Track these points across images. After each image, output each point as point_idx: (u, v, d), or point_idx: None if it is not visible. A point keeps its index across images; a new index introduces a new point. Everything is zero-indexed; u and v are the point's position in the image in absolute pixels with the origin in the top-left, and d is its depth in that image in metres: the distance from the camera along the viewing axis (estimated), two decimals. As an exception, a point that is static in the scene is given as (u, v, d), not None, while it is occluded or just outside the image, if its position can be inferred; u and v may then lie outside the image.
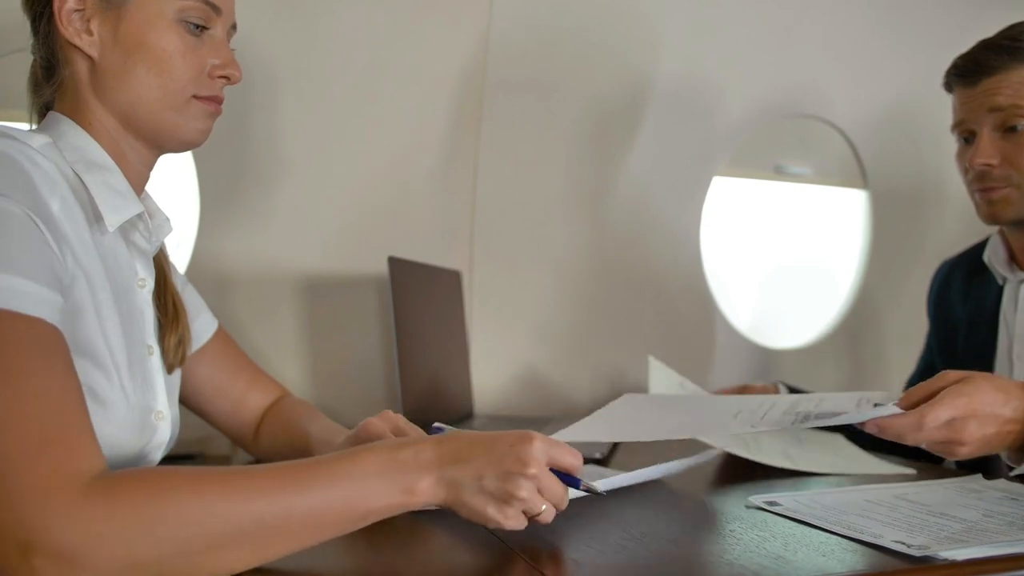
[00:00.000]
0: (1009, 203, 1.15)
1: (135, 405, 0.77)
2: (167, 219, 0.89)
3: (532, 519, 0.67)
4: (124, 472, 0.59)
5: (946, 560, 0.65)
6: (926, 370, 1.41)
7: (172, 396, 0.89)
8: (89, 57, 0.81)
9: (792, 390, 1.36)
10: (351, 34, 1.44)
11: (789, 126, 1.88)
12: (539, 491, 0.66)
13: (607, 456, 1.17)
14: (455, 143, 1.57)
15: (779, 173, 1.93)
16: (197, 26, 0.84)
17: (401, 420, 0.91)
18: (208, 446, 1.28)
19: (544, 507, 0.67)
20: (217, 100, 0.87)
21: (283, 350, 1.43)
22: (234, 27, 0.90)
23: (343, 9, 1.41)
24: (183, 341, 0.89)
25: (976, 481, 0.97)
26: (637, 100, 1.68)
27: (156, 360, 0.85)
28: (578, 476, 0.70)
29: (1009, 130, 1.12)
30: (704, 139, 1.77)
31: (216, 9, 0.85)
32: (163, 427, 0.84)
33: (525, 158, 1.63)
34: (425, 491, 0.65)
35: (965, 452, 0.85)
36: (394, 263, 1.22)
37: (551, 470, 0.68)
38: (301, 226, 1.45)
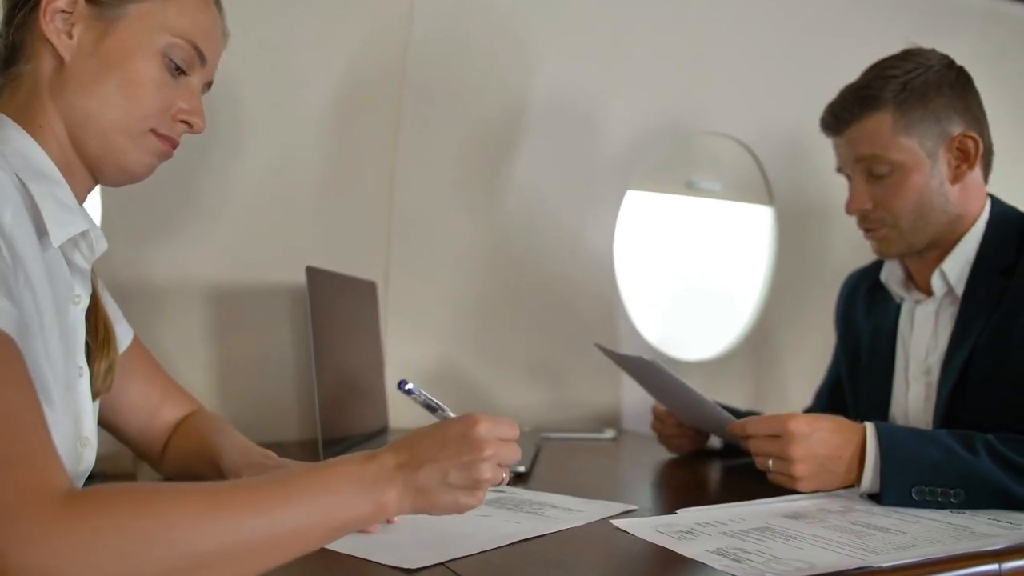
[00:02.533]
0: (890, 242, 1.21)
1: (68, 431, 0.73)
2: (101, 234, 0.85)
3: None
4: (103, 487, 0.55)
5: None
6: (834, 383, 1.45)
7: (95, 420, 0.84)
8: (59, 58, 0.78)
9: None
10: (266, 41, 1.39)
11: (700, 143, 1.93)
12: (499, 468, 0.71)
13: (530, 469, 1.17)
14: (372, 152, 1.54)
15: (690, 188, 1.97)
16: (178, 68, 0.82)
17: None
18: (110, 463, 1.20)
19: (504, 475, 0.72)
20: (172, 143, 0.85)
21: (191, 361, 1.37)
22: (209, 85, 0.90)
23: (259, 16, 1.37)
24: (112, 368, 0.85)
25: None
26: (552, 114, 1.69)
27: (85, 383, 0.81)
28: (517, 456, 0.74)
29: (877, 175, 1.18)
30: (617, 153, 1.79)
31: (202, 58, 0.85)
32: (88, 454, 0.80)
33: (442, 168, 1.62)
34: (393, 502, 0.66)
35: (799, 471, 0.96)
36: (312, 273, 1.19)
37: None
38: (211, 234, 1.39)
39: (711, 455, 1.37)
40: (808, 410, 1.46)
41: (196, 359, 1.38)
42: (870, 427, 0.97)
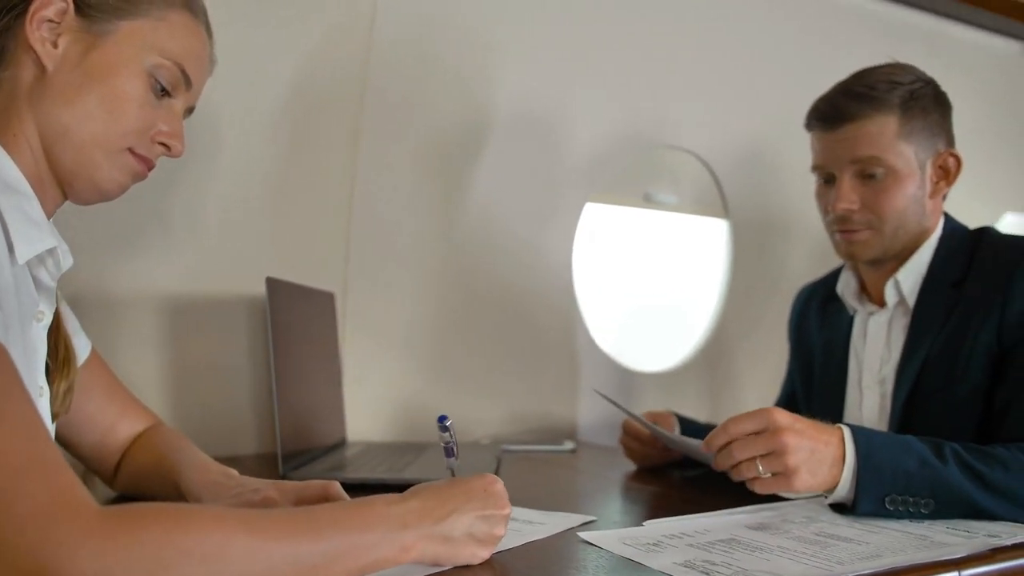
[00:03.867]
0: (868, 245, 1.21)
1: None
2: (67, 250, 0.82)
3: None
4: (143, 504, 0.55)
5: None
6: (789, 396, 1.47)
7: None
8: (41, 67, 0.76)
9: (681, 420, 1.39)
10: (223, 46, 1.37)
11: (658, 156, 1.95)
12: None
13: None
14: (331, 161, 1.53)
15: (648, 201, 1.99)
16: (163, 89, 0.82)
17: (306, 489, 0.86)
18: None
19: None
20: (148, 164, 0.84)
21: (145, 374, 1.33)
22: (191, 110, 0.89)
23: (216, 21, 1.34)
24: (71, 389, 0.83)
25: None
26: (512, 125, 1.69)
27: (46, 403, 0.79)
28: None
29: (868, 176, 1.18)
30: (577, 166, 1.80)
31: (187, 82, 0.84)
32: None
33: (402, 179, 1.61)
34: (417, 547, 0.67)
35: (793, 463, 0.90)
36: (272, 284, 1.17)
37: None
38: (166, 243, 1.37)
39: (670, 465, 1.38)
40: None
41: (150, 371, 1.35)
42: (846, 432, 0.93)
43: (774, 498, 0.98)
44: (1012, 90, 2.29)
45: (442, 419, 0.83)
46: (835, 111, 1.19)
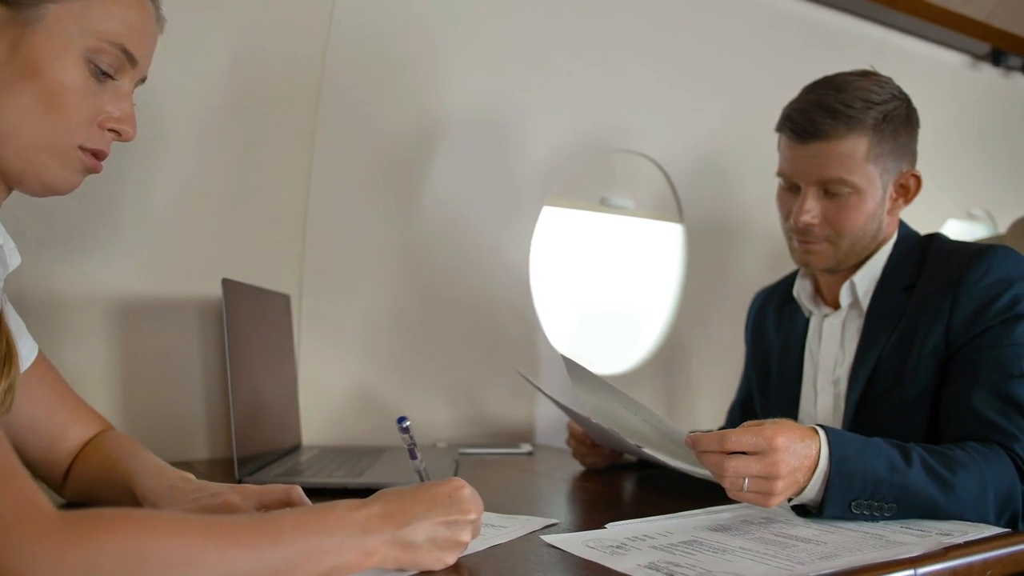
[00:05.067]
0: (823, 256, 1.23)
1: None
2: (14, 248, 0.78)
3: None
4: (104, 510, 0.54)
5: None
6: (746, 397, 1.50)
7: None
8: None
9: None
10: (179, 45, 1.34)
11: (615, 161, 1.96)
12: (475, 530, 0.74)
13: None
14: (286, 163, 1.51)
15: (604, 205, 2.00)
16: (104, 72, 0.76)
17: (268, 493, 0.84)
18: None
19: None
20: (101, 155, 0.79)
21: (94, 377, 1.30)
22: (143, 80, 0.83)
23: (172, 21, 1.31)
24: (12, 388, 0.78)
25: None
26: (470, 128, 1.69)
27: None
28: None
29: (832, 194, 1.18)
30: (534, 169, 1.80)
31: (131, 60, 0.78)
32: None
33: (358, 181, 1.60)
34: (379, 552, 0.66)
35: (780, 488, 0.88)
36: (228, 285, 1.14)
37: None
38: (116, 243, 1.33)
39: (627, 467, 1.39)
40: (722, 427, 1.49)
41: (100, 375, 1.31)
42: (822, 438, 0.92)
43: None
44: (957, 101, 2.36)
45: (401, 420, 0.82)
46: (810, 126, 1.17)
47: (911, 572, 0.75)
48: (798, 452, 0.89)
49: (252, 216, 1.49)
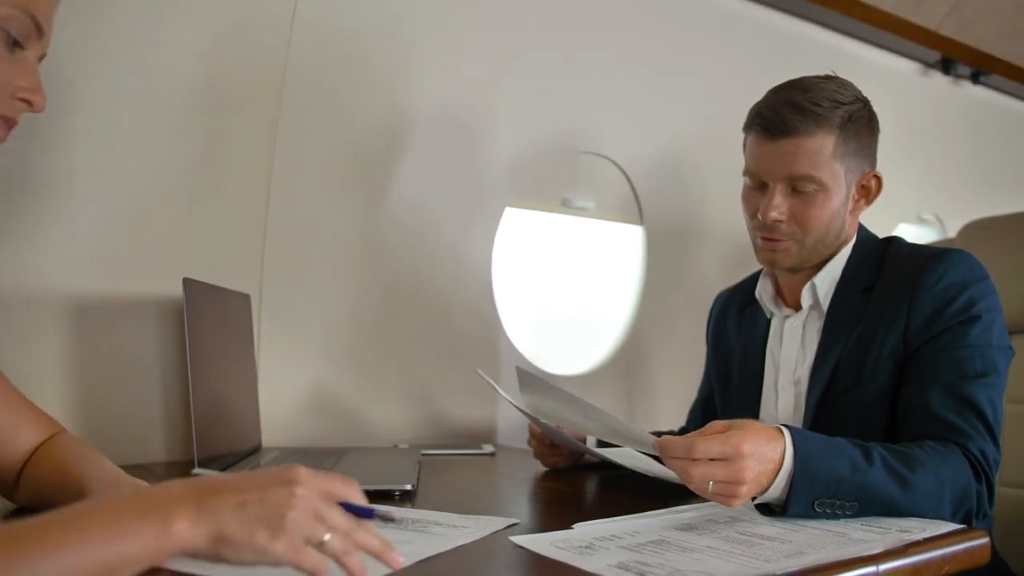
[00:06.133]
0: (788, 254, 1.24)
1: None
2: None
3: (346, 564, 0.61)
4: None
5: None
6: (707, 398, 1.51)
7: None
8: None
9: None
10: (139, 38, 1.32)
11: (577, 162, 1.97)
12: (316, 519, 0.61)
13: (416, 487, 1.14)
14: (247, 159, 1.48)
15: (566, 206, 2.00)
16: (15, 42, 0.75)
17: None
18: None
19: (327, 536, 0.61)
20: (10, 123, 0.78)
21: (46, 378, 1.26)
22: (44, 55, 0.82)
23: (132, 14, 1.29)
24: None
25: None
26: (432, 127, 1.68)
27: None
28: (363, 504, 0.65)
29: (800, 191, 1.21)
30: (496, 170, 1.80)
31: (39, 30, 0.78)
32: None
33: (320, 178, 1.58)
34: (182, 530, 0.57)
35: (745, 492, 0.90)
36: (189, 285, 1.12)
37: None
38: (71, 239, 1.30)
39: (589, 467, 1.39)
40: (683, 429, 1.50)
41: (52, 376, 1.28)
42: (787, 438, 0.93)
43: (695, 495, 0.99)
44: (908, 107, 2.42)
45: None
46: (780, 122, 1.19)
47: (873, 568, 0.76)
48: (763, 456, 0.91)
49: (212, 214, 1.46)
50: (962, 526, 0.90)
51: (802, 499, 0.92)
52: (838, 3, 1.94)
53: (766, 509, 0.97)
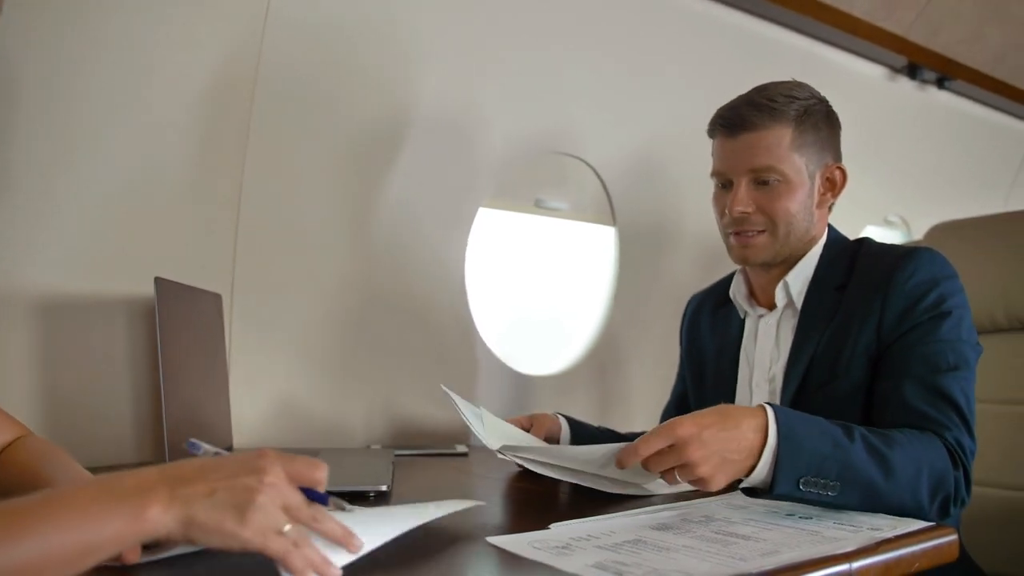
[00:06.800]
0: (761, 248, 1.28)
1: None
2: None
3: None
4: None
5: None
6: (680, 398, 1.53)
7: None
8: None
9: (571, 422, 1.41)
10: (112, 37, 1.29)
11: (550, 163, 1.97)
12: (283, 508, 0.63)
13: (391, 487, 1.13)
14: (220, 158, 1.47)
15: (539, 207, 2.01)
16: None
17: None
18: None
19: (287, 527, 0.63)
20: None
21: (10, 381, 1.24)
22: None
23: (103, 12, 1.27)
24: None
25: (738, 497, 1.06)
26: (406, 127, 1.67)
27: None
28: (322, 490, 0.68)
29: (763, 182, 1.26)
30: (470, 170, 1.80)
31: None
32: None
33: (293, 177, 1.56)
34: (155, 515, 0.59)
35: (708, 472, 0.92)
36: (161, 284, 1.11)
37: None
38: (41, 240, 1.27)
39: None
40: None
41: (17, 377, 1.25)
42: (770, 415, 0.95)
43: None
44: (877, 110, 2.45)
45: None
46: (738, 118, 1.26)
47: (847, 566, 0.77)
48: (717, 440, 0.92)
49: (182, 214, 1.44)
50: (931, 523, 0.92)
51: (788, 477, 0.94)
52: (811, 8, 1.97)
53: (754, 493, 0.98)
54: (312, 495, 0.68)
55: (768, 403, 0.98)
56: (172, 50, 1.37)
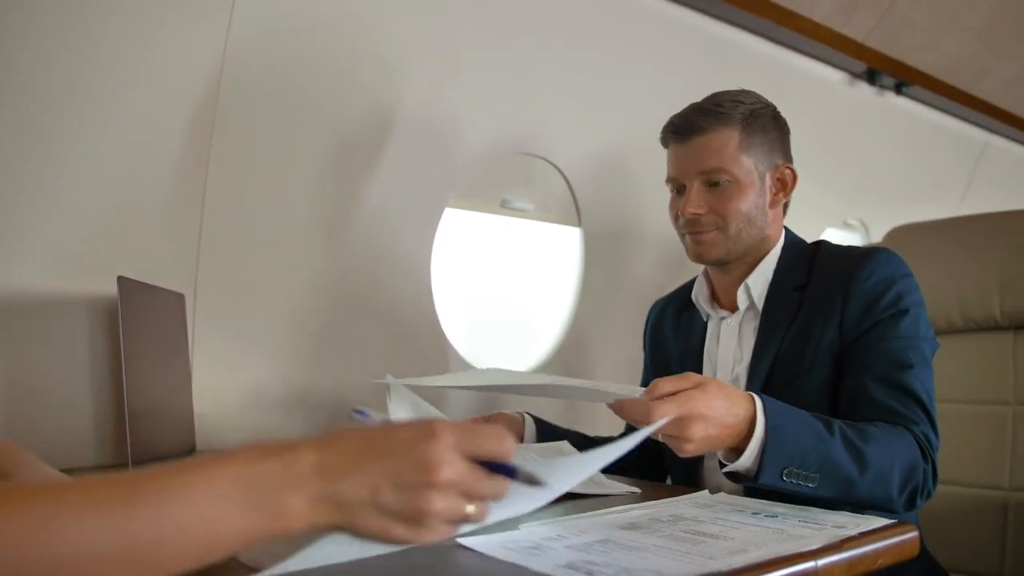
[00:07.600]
0: (714, 245, 1.31)
1: None
2: None
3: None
4: None
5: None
6: (646, 400, 1.54)
7: None
8: None
9: (538, 422, 1.41)
10: (71, 32, 1.27)
11: (516, 164, 1.97)
12: (463, 496, 0.54)
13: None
14: (183, 157, 1.44)
15: (504, 207, 2.01)
16: None
17: None
18: None
19: (471, 508, 0.55)
20: None
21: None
22: None
23: (65, 8, 1.24)
24: None
25: (704, 496, 1.08)
26: (373, 128, 1.66)
27: None
28: (511, 463, 0.58)
29: (713, 184, 1.29)
30: (437, 170, 1.80)
31: None
32: None
33: (259, 177, 1.54)
34: (300, 514, 0.50)
35: (691, 449, 0.96)
36: (124, 284, 1.09)
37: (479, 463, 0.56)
38: (-3, 237, 1.24)
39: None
40: (621, 435, 1.52)
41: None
42: (758, 405, 0.99)
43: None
44: (836, 115, 2.50)
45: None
46: (687, 124, 1.31)
47: (813, 563, 0.79)
48: (718, 423, 0.95)
49: (145, 211, 1.42)
50: (893, 520, 0.94)
51: (774, 467, 0.97)
52: (773, 12, 1.99)
53: (736, 477, 1.02)
54: (499, 468, 0.57)
55: (757, 393, 1.01)
56: (133, 47, 1.35)
